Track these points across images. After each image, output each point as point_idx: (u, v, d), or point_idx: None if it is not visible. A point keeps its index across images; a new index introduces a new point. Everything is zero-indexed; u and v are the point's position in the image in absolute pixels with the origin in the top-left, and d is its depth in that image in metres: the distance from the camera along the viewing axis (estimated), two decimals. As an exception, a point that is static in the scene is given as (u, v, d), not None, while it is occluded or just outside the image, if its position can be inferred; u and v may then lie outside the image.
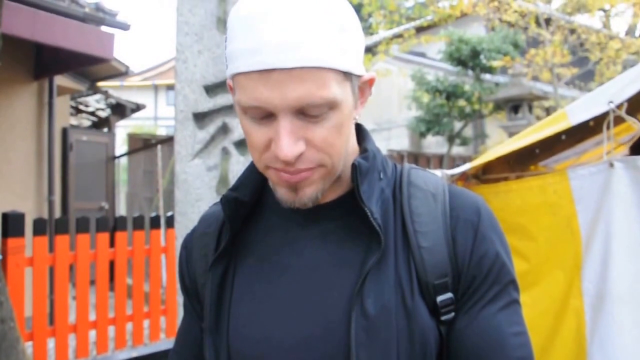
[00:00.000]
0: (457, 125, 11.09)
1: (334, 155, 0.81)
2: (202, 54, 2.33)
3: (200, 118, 2.31)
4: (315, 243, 0.90)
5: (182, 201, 2.23)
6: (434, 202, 0.90)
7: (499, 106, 10.04)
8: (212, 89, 2.33)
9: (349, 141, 0.87)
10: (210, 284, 0.94)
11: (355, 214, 0.88)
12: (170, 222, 5.10)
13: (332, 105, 0.78)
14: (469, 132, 11.72)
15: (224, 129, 2.33)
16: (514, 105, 9.08)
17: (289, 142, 0.76)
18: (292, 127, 0.77)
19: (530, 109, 9.09)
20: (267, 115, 0.78)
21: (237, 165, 2.30)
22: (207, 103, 2.31)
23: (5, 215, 3.91)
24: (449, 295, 0.86)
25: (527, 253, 1.95)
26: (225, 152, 2.30)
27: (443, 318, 0.86)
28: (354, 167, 0.86)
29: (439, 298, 0.85)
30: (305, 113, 0.77)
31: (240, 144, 2.30)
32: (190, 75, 2.31)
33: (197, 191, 2.26)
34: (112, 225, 4.88)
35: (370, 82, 0.88)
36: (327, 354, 0.84)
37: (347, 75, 0.80)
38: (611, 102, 1.72)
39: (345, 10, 0.80)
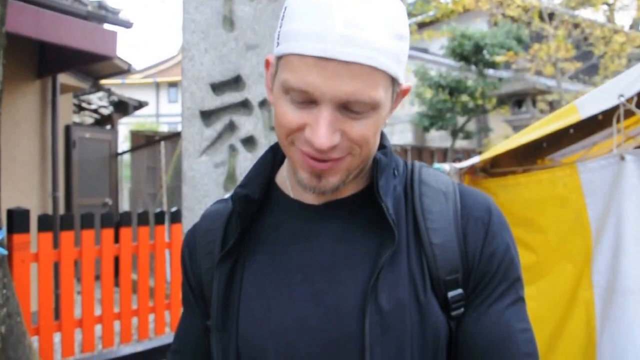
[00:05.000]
0: (461, 120, 11.08)
1: (364, 150, 0.82)
2: (208, 52, 2.33)
3: (207, 116, 2.31)
4: (327, 238, 0.90)
5: (190, 197, 2.23)
6: (445, 200, 0.91)
7: (502, 101, 10.05)
8: (218, 87, 2.33)
9: (377, 143, 0.88)
10: (217, 281, 0.93)
11: (369, 209, 0.88)
12: (174, 217, 5.10)
13: (375, 106, 0.78)
14: (472, 126, 11.71)
15: (231, 127, 2.33)
16: (518, 100, 9.08)
17: (326, 133, 0.77)
18: (332, 119, 0.77)
19: (534, 103, 9.09)
20: (309, 101, 0.78)
21: (245, 162, 2.30)
22: (213, 101, 2.31)
23: (10, 212, 3.90)
24: (460, 291, 0.87)
25: (535, 245, 1.95)
26: (232, 149, 2.30)
27: (453, 313, 0.87)
28: (375, 161, 0.87)
29: (450, 294, 0.86)
30: (348, 108, 0.78)
31: (247, 142, 2.31)
32: (196, 73, 2.31)
33: (204, 187, 2.26)
34: (117, 221, 4.88)
35: (405, 92, 0.89)
36: (341, 350, 0.84)
37: (393, 80, 0.81)
38: (621, 95, 1.72)
39: (405, 19, 0.81)
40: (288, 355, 0.86)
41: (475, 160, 2.22)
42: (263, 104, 2.35)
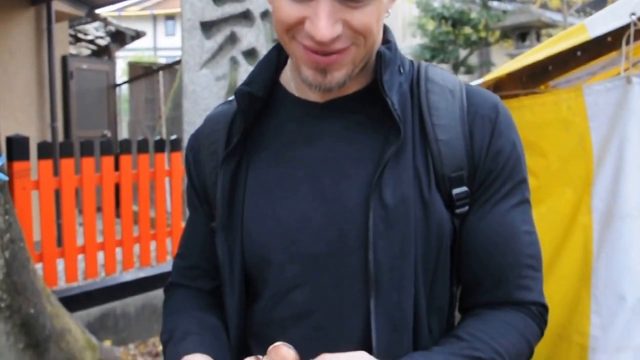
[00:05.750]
0: (463, 53, 10.91)
1: (368, 39, 0.80)
2: (208, -40, 2.25)
3: (208, 27, 2.25)
4: (332, 136, 0.89)
5: (190, 111, 2.21)
6: (452, 97, 0.89)
7: (505, 34, 9.86)
8: (219, -3, 2.26)
9: (380, 33, 0.85)
10: (221, 180, 0.92)
11: (374, 106, 0.87)
12: (174, 145, 5.08)
13: None
14: (474, 60, 11.54)
15: (232, 39, 2.27)
16: (522, 33, 8.92)
17: (327, 24, 0.75)
18: (332, 9, 0.75)
19: (538, 37, 8.93)
20: None
21: (246, 75, 2.23)
22: (214, 12, 2.24)
23: (9, 139, 3.88)
24: (464, 188, 0.87)
25: (537, 170, 1.94)
26: (233, 61, 2.26)
27: (457, 211, 0.87)
28: (379, 55, 0.84)
29: (455, 191, 0.86)
30: None
31: (249, 54, 2.25)
32: (197, -18, 2.24)
33: (205, 102, 2.23)
34: (116, 152, 4.86)
35: None
36: (346, 245, 0.85)
37: None
38: (633, 14, 1.67)
39: None
40: (293, 252, 0.87)
41: (477, 82, 2.18)
42: (265, 15, 2.28)
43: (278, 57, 0.96)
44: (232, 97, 0.98)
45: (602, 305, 1.76)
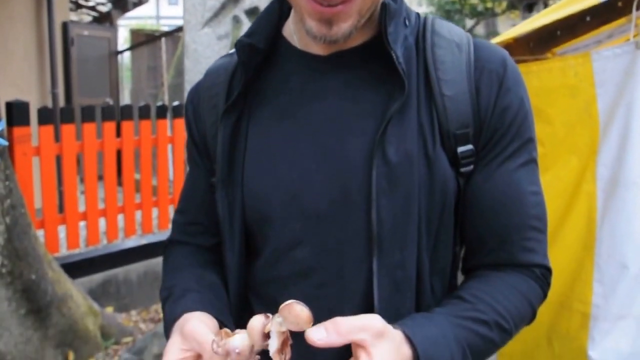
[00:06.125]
0: (469, 23, 10.80)
1: None
2: None
3: (210, -15, 2.20)
4: (335, 90, 0.86)
5: (192, 71, 2.18)
6: (459, 51, 0.86)
7: (513, 4, 9.73)
8: (221, -47, 2.21)
9: None
10: (221, 134, 0.90)
11: (378, 60, 0.84)
12: (176, 111, 5.05)
13: None
14: (480, 30, 11.42)
15: (235, -4, 2.23)
16: (529, 4, 8.80)
17: None
18: None
19: (546, 7, 8.80)
20: None
21: (249, 34, 2.21)
22: (217, -31, 2.19)
23: (9, 104, 3.86)
24: (470, 146, 0.84)
25: (543, 137, 1.91)
26: (236, 20, 2.20)
27: (462, 170, 0.84)
28: (383, 6, 0.81)
29: (460, 149, 0.83)
30: None
31: (252, 13, 2.21)
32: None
33: (207, 61, 2.18)
34: (118, 120, 4.83)
35: None
36: (348, 202, 0.83)
37: None
38: (645, -23, 1.63)
39: None
40: (294, 209, 0.85)
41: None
42: (268, -28, 2.23)
43: (280, 8, 0.93)
44: (233, 50, 0.95)
45: (604, 273, 1.75)
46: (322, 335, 0.65)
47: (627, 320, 1.70)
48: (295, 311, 0.64)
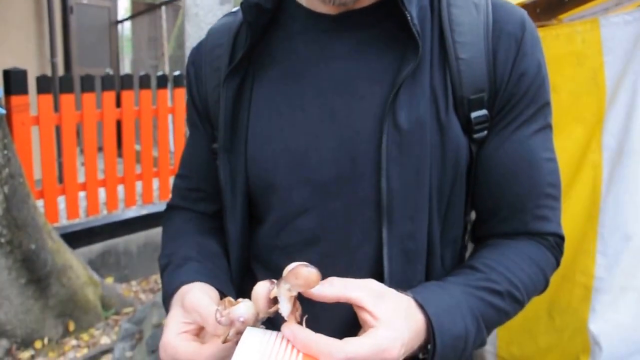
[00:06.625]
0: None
1: None
2: None
3: (211, -53, 2.14)
4: (344, 53, 0.82)
5: (193, 36, 2.14)
6: (477, 12, 0.81)
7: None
8: None
9: None
10: (224, 98, 0.86)
11: (391, 21, 0.80)
12: (177, 81, 4.99)
13: None
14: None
15: (239, -42, 2.15)
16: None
17: None
18: None
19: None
20: None
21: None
22: None
23: (6, 72, 3.81)
24: (484, 112, 0.81)
25: (548, 106, 1.87)
26: (239, -16, 2.14)
27: (475, 136, 0.81)
28: None
29: (474, 114, 0.80)
30: None
31: (256, -24, 2.13)
32: None
33: (208, 26, 2.12)
34: (118, 86, 4.78)
35: None
36: (357, 170, 0.79)
37: None
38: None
39: None
40: (300, 176, 0.82)
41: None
42: None
43: None
44: (237, 8, 0.90)
45: (608, 245, 1.73)
46: (317, 287, 0.63)
47: (629, 293, 1.68)
48: (304, 273, 0.61)
